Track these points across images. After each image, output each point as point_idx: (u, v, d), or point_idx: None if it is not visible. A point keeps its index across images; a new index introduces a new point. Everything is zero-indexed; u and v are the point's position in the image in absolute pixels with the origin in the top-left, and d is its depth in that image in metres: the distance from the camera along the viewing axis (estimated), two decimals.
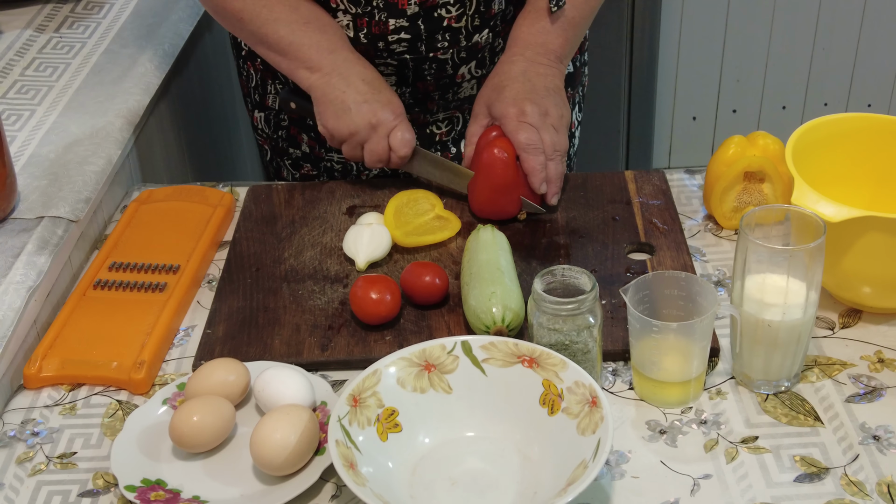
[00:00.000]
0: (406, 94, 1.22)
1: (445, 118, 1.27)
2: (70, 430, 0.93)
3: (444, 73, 1.20)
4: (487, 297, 0.96)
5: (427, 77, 1.20)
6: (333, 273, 1.09)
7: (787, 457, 0.86)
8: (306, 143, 1.31)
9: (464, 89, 1.23)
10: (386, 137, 1.14)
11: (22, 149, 1.22)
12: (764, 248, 0.86)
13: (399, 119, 1.14)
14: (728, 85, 2.54)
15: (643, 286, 0.91)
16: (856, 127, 1.05)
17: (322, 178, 1.33)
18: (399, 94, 1.21)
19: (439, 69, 1.19)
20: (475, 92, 1.23)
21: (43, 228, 1.10)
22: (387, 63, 1.18)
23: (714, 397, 0.93)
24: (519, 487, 0.84)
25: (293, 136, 1.32)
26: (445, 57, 1.18)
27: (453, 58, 1.19)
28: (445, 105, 1.25)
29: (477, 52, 1.20)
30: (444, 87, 1.22)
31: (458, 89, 1.23)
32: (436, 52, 1.17)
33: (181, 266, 1.10)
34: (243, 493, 0.85)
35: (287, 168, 1.35)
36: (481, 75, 1.22)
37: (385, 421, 0.87)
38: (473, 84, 1.23)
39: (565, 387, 0.87)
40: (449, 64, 1.19)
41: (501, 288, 0.96)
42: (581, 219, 1.14)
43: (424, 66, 1.19)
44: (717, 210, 1.11)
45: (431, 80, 1.21)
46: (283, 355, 0.98)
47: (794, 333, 0.89)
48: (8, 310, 0.99)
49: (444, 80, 1.21)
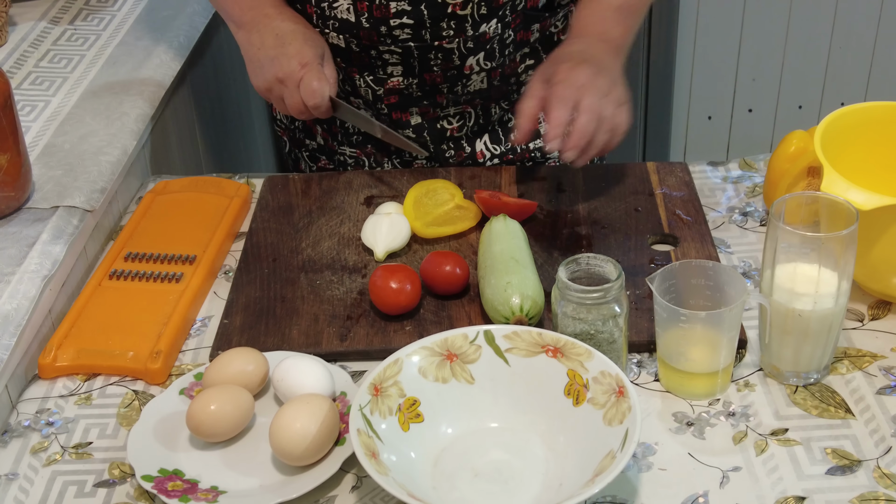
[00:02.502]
0: (413, 85, 1.19)
1: (457, 113, 1.24)
2: (85, 420, 0.92)
3: (451, 63, 1.17)
4: (503, 287, 0.94)
5: (434, 68, 1.17)
6: (352, 263, 1.07)
7: (818, 449, 0.84)
8: (320, 135, 1.30)
9: (473, 82, 1.20)
10: (297, 89, 1.12)
11: (37, 139, 1.21)
12: (795, 236, 0.84)
13: (306, 69, 1.11)
14: (744, 84, 2.52)
15: (669, 275, 0.89)
16: (884, 116, 1.02)
17: (338, 171, 1.32)
18: (406, 85, 1.19)
19: (446, 59, 1.17)
20: (485, 86, 1.21)
21: (58, 218, 1.08)
22: (391, 51, 1.16)
23: (742, 389, 0.91)
24: (543, 479, 0.82)
25: (308, 128, 1.31)
26: (451, 46, 1.15)
27: (460, 47, 1.16)
28: (455, 99, 1.22)
29: (485, 42, 1.17)
30: (452, 79, 1.19)
31: (467, 82, 1.20)
32: (441, 41, 1.15)
33: (197, 256, 1.08)
34: (262, 483, 0.84)
35: (305, 160, 1.34)
36: (490, 68, 1.19)
37: (407, 411, 0.85)
38: (483, 77, 1.20)
39: (591, 377, 0.85)
40: (455, 54, 1.16)
41: (517, 277, 0.95)
42: (603, 209, 1.12)
43: (430, 55, 1.16)
44: None
45: (438, 70, 1.18)
46: (301, 345, 0.97)
47: (826, 323, 0.87)
48: (23, 299, 0.98)
49: (451, 72, 1.18)
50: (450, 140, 1.26)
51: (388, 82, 1.19)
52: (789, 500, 0.80)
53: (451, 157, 1.27)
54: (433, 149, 1.26)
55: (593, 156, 1.03)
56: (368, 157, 1.28)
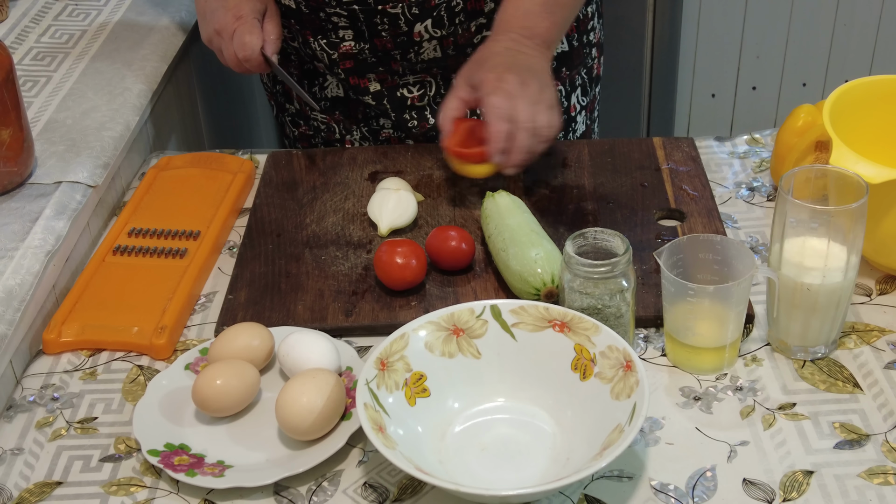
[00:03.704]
0: (366, 50, 1.19)
1: (416, 82, 1.22)
2: (90, 396, 0.92)
3: (399, 29, 1.16)
4: (532, 260, 0.93)
5: (382, 33, 1.16)
6: (356, 239, 1.07)
7: (826, 423, 0.84)
8: (296, 100, 1.30)
9: (426, 50, 1.18)
10: (231, 41, 1.14)
11: (38, 115, 1.20)
12: (804, 209, 0.84)
13: (239, 22, 1.13)
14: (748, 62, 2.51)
15: (677, 250, 0.88)
16: (893, 89, 1.02)
17: (317, 137, 1.31)
18: (358, 50, 1.18)
19: (392, 24, 1.15)
20: (439, 55, 1.19)
21: (61, 193, 1.08)
22: (337, 13, 1.16)
23: (749, 364, 0.90)
24: (551, 453, 0.82)
25: (286, 92, 1.31)
26: (396, 11, 1.14)
27: (405, 13, 1.14)
28: (411, 67, 1.21)
29: (431, 9, 1.14)
30: (403, 45, 1.18)
31: (419, 49, 1.18)
32: (384, 5, 1.13)
33: (201, 232, 1.08)
34: (268, 457, 0.84)
35: (288, 125, 1.34)
36: (441, 36, 1.17)
37: (413, 385, 0.85)
38: (435, 45, 1.18)
39: (598, 351, 0.84)
40: (402, 20, 1.15)
41: (544, 250, 0.94)
42: (609, 185, 1.12)
43: (376, 19, 1.15)
44: None
45: (387, 36, 1.17)
46: (306, 321, 0.96)
47: (834, 297, 0.86)
48: (26, 274, 0.97)
49: (400, 38, 1.17)
50: (412, 109, 1.24)
51: (341, 46, 1.19)
52: (797, 474, 0.80)
53: (414, 128, 1.25)
54: (395, 117, 1.24)
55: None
56: (338, 123, 1.27)
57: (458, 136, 1.05)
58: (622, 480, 0.80)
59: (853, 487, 0.79)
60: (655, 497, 0.79)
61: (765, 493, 0.79)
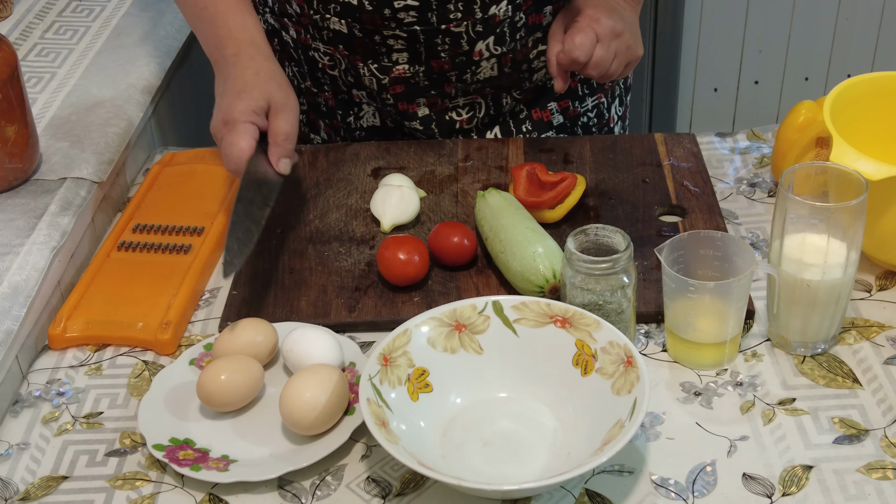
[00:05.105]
0: (420, 73, 1.15)
1: (466, 104, 1.20)
2: (96, 391, 0.92)
3: (460, 48, 1.13)
4: (531, 257, 0.94)
5: (441, 54, 1.13)
6: (359, 235, 1.07)
7: (825, 419, 0.85)
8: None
9: (483, 69, 1.16)
10: None
11: (43, 111, 1.21)
12: (805, 206, 0.84)
13: (227, 127, 1.00)
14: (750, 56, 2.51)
15: (678, 246, 0.89)
16: (893, 86, 1.02)
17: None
18: (412, 73, 1.15)
19: (454, 44, 1.12)
20: (495, 73, 1.17)
21: (66, 190, 1.08)
22: (396, 35, 1.11)
23: (749, 359, 0.91)
24: (552, 448, 0.83)
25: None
26: (459, 30, 1.11)
27: (468, 31, 1.11)
28: (465, 89, 1.18)
29: (494, 26, 1.12)
30: (460, 66, 1.15)
31: (476, 69, 1.16)
32: (448, 24, 1.10)
33: (206, 228, 1.08)
34: (272, 452, 0.84)
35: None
36: (501, 53, 1.15)
37: (416, 381, 0.86)
38: (494, 64, 1.16)
39: (599, 347, 0.85)
40: (464, 39, 1.12)
41: (542, 246, 0.94)
42: (610, 181, 1.12)
43: (437, 39, 1.12)
44: None
45: (446, 56, 1.13)
46: (309, 316, 0.97)
47: (834, 293, 0.87)
48: (32, 270, 0.98)
49: (459, 58, 1.14)
50: (459, 133, 1.23)
51: (394, 70, 1.15)
52: (797, 469, 0.80)
53: None
54: None
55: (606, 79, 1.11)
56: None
57: (523, 185, 1.07)
58: (623, 475, 0.81)
59: (852, 482, 0.79)
60: (656, 491, 0.79)
61: (764, 487, 0.79)
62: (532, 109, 1.24)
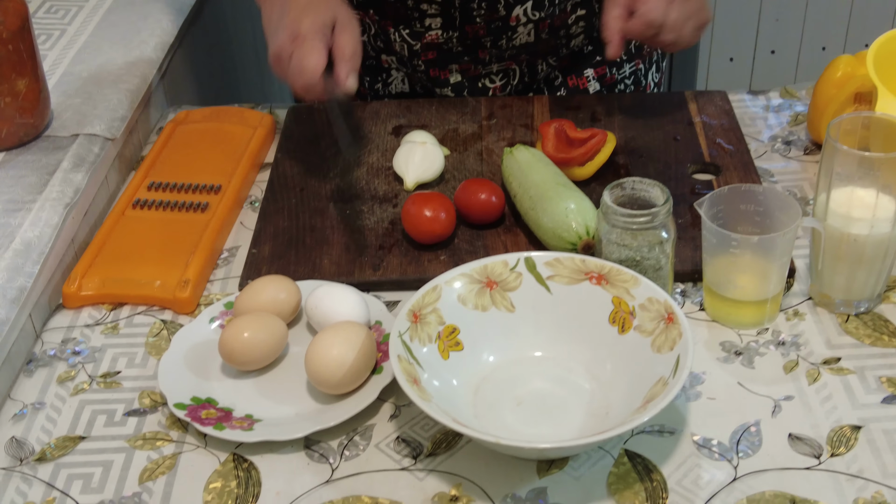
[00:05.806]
0: (454, 39, 1.11)
1: (500, 70, 1.16)
2: (113, 350, 0.89)
3: (496, 13, 1.09)
4: (564, 213, 0.90)
5: (476, 19, 1.09)
6: (382, 193, 1.04)
7: (872, 378, 0.81)
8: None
9: (519, 35, 1.11)
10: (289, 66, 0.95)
11: (53, 68, 1.17)
12: (853, 157, 0.81)
13: (297, 42, 0.94)
14: (767, 25, 2.47)
15: (718, 201, 0.85)
16: None
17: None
18: (445, 39, 1.11)
19: (490, 8, 1.08)
20: (532, 39, 1.13)
21: (78, 146, 1.05)
22: (431, 1, 1.08)
23: (791, 318, 0.88)
24: (589, 408, 0.80)
25: None
26: None
27: None
28: (499, 55, 1.14)
29: None
30: (496, 31, 1.11)
31: (512, 35, 1.11)
32: None
33: (223, 186, 1.05)
34: (298, 412, 0.81)
35: None
36: (539, 19, 1.11)
37: (446, 339, 0.83)
38: (531, 29, 1.11)
39: (637, 304, 0.82)
40: (501, 3, 1.08)
41: (574, 202, 0.91)
42: (640, 139, 1.09)
43: (473, 4, 1.08)
44: None
45: (482, 21, 1.09)
46: (333, 275, 0.94)
47: (881, 249, 0.84)
48: (45, 226, 0.95)
49: (496, 23, 1.10)
50: None
51: (426, 36, 1.11)
52: (845, 429, 0.77)
53: None
54: None
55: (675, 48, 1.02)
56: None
57: (552, 142, 1.03)
58: (664, 435, 0.78)
59: None
60: (699, 452, 0.76)
61: (812, 448, 0.76)
62: (567, 76, 1.20)
